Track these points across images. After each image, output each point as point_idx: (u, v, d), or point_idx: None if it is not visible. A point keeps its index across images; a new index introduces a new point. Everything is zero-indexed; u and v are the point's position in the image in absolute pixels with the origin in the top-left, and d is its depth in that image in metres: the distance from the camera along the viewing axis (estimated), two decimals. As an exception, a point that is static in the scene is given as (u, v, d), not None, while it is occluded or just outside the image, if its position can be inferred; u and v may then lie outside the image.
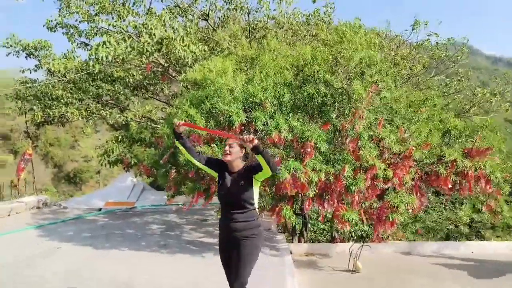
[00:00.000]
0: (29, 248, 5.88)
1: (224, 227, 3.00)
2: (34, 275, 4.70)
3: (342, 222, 5.35)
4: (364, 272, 5.69)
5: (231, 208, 2.93)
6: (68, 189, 41.14)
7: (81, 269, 4.97)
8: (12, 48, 9.01)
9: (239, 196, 2.88)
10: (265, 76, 6.10)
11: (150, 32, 7.18)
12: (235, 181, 2.92)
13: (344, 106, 6.00)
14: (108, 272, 4.84)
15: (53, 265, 5.12)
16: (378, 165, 5.33)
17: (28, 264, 5.13)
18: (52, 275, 4.70)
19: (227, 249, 2.99)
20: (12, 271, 4.83)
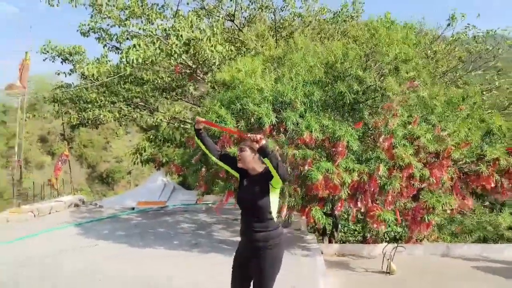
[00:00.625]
0: (69, 244, 6.12)
1: (242, 233, 2.80)
2: (73, 269, 4.94)
3: (377, 222, 5.21)
4: (398, 274, 5.53)
5: (248, 214, 2.73)
6: (101, 188, 42.54)
7: (117, 265, 5.11)
8: (49, 54, 9.40)
9: (254, 203, 2.66)
10: (294, 74, 6.04)
11: (178, 33, 7.29)
12: (251, 186, 2.71)
13: (377, 103, 5.85)
14: (146, 270, 4.94)
15: (91, 261, 5.32)
16: (414, 163, 5.15)
17: (68, 259, 5.37)
18: (90, 269, 4.93)
19: (245, 255, 2.77)
20: (54, 264, 5.11)
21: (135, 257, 5.57)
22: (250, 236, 2.69)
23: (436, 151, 5.49)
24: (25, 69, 7.84)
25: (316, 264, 5.36)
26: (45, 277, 4.62)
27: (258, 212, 2.66)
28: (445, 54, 9.55)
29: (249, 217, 2.70)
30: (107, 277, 4.65)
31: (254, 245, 2.68)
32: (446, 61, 8.99)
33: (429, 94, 5.86)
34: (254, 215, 2.68)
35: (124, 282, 4.51)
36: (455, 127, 5.73)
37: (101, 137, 45.94)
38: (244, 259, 2.75)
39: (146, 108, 11.08)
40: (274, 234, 2.68)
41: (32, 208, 8.02)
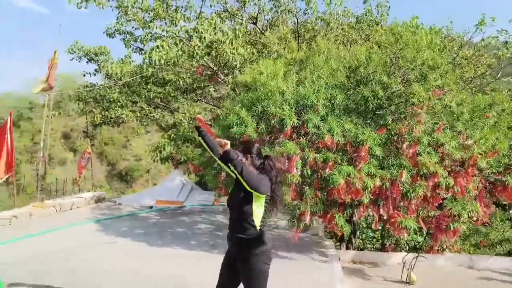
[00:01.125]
0: (89, 240, 6.23)
1: (228, 236, 2.75)
2: (93, 265, 5.01)
3: (399, 229, 5.10)
4: (418, 284, 5.39)
5: (231, 218, 2.71)
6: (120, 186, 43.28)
7: (136, 264, 5.16)
8: (75, 54, 9.66)
9: (238, 209, 2.63)
10: (316, 78, 6.00)
11: (201, 35, 7.36)
12: (238, 191, 2.62)
13: (401, 109, 5.74)
14: (162, 269, 4.99)
15: (111, 257, 5.40)
16: (440, 172, 5.02)
17: (88, 254, 5.47)
18: (110, 265, 5.02)
19: (232, 256, 2.72)
20: (75, 259, 5.21)
21: (154, 255, 5.62)
22: (233, 240, 2.67)
23: (461, 159, 5.34)
24: (53, 68, 8.06)
25: (334, 270, 5.28)
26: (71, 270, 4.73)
27: (241, 218, 2.62)
28: (473, 60, 9.29)
29: (234, 221, 2.69)
30: (126, 274, 4.71)
31: (237, 249, 2.66)
32: (473, 67, 8.73)
33: (456, 101, 5.72)
34: (235, 219, 2.67)
35: (142, 280, 4.56)
36: (481, 135, 5.56)
37: (122, 136, 46.81)
38: (232, 259, 2.71)
39: (166, 108, 11.23)
40: (254, 243, 2.60)
41: (55, 203, 8.22)
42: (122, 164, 46.34)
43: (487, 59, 9.71)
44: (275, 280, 4.53)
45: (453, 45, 9.01)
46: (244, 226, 2.61)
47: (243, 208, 2.61)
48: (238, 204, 2.63)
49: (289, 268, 5.29)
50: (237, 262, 2.66)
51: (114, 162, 47.01)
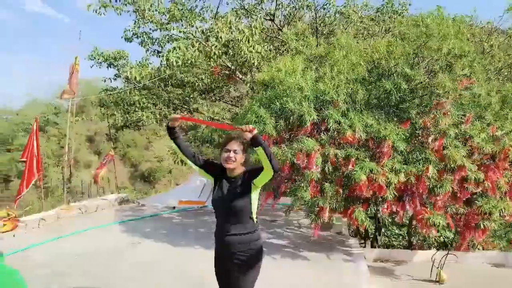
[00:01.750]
0: (114, 240, 6.34)
1: (219, 239, 2.67)
2: (118, 264, 5.12)
3: (427, 226, 4.91)
4: (449, 283, 5.18)
5: (225, 218, 2.62)
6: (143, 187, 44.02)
7: (159, 263, 5.21)
8: (95, 60, 9.85)
9: (235, 205, 2.57)
10: (336, 73, 5.87)
11: (217, 35, 7.33)
12: (233, 188, 2.61)
13: (426, 102, 5.54)
14: (183, 267, 5.01)
15: (134, 257, 5.49)
16: (468, 166, 4.81)
17: (113, 256, 5.56)
18: (133, 265, 5.09)
19: (224, 263, 2.67)
20: (99, 261, 5.31)
21: (177, 255, 5.65)
22: (228, 240, 2.60)
23: (491, 152, 5.10)
24: (74, 74, 8.23)
25: (359, 270, 5.15)
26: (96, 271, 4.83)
27: (237, 215, 2.58)
28: (504, 48, 8.85)
29: (226, 221, 2.62)
30: (151, 273, 4.75)
31: (232, 250, 2.60)
32: (503, 56, 8.32)
33: (485, 91, 5.46)
34: (232, 218, 2.60)
35: (158, 275, 4.57)
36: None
37: (144, 138, 47.64)
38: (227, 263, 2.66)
39: (185, 110, 11.29)
40: (255, 236, 2.64)
41: (80, 205, 8.39)
42: (145, 165, 47.15)
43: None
44: (298, 281, 4.47)
45: (481, 33, 8.63)
46: (244, 223, 2.60)
47: (241, 204, 2.58)
48: (235, 201, 2.57)
49: (312, 268, 5.20)
50: (231, 265, 2.62)
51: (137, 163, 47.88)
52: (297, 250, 6.01)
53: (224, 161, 2.60)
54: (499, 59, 7.90)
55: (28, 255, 5.51)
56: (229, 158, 2.58)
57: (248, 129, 2.45)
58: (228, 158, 2.59)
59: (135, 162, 47.78)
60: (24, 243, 5.96)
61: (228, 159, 2.59)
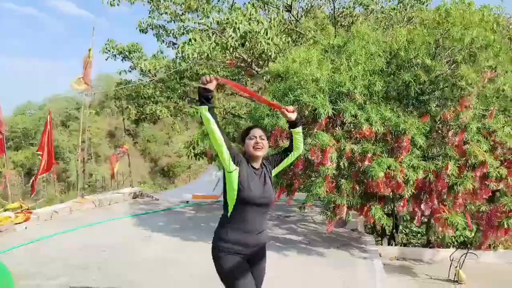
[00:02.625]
0: (127, 234, 6.36)
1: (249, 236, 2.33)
2: (131, 257, 5.13)
3: (445, 226, 4.67)
4: (468, 283, 4.93)
5: (259, 213, 2.34)
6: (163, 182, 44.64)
7: (169, 257, 5.18)
8: (110, 53, 9.88)
9: (270, 199, 2.38)
10: (353, 64, 5.65)
11: (235, 26, 7.18)
12: (263, 180, 2.38)
13: (447, 94, 5.26)
14: (194, 261, 4.95)
15: (147, 250, 5.48)
16: (490, 161, 4.53)
17: (126, 248, 5.59)
18: (147, 258, 5.09)
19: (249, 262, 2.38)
20: (111, 253, 5.31)
21: (187, 249, 5.60)
22: (258, 238, 2.36)
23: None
24: (88, 66, 8.25)
25: (374, 267, 4.96)
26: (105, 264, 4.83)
27: (268, 209, 2.42)
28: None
29: (259, 215, 2.35)
30: (157, 267, 4.70)
31: (259, 247, 2.42)
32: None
33: (510, 83, 5.14)
34: (265, 213, 2.41)
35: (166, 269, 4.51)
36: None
37: (163, 133, 48.23)
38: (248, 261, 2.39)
39: (201, 103, 11.21)
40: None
41: (94, 199, 8.47)
42: (165, 160, 47.80)
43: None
44: (311, 277, 4.32)
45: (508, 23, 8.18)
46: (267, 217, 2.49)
47: (273, 196, 2.44)
48: (270, 194, 2.37)
49: (326, 265, 5.04)
50: (258, 260, 2.45)
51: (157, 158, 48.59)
52: (311, 246, 5.87)
53: (253, 149, 2.35)
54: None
55: (39, 247, 5.57)
56: (257, 144, 2.35)
57: (291, 109, 2.42)
58: (256, 144, 2.35)
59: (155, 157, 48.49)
60: (35, 235, 6.03)
61: (256, 145, 2.35)
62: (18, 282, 4.26)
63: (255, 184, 2.33)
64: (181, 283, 4.29)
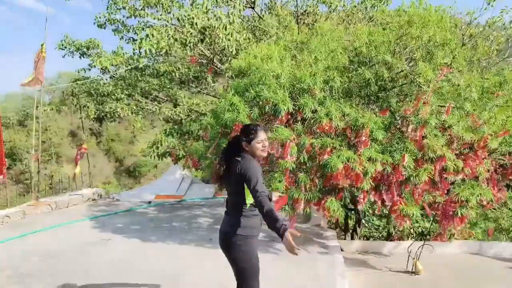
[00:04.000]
0: (83, 238, 6.05)
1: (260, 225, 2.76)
2: (86, 263, 4.88)
3: (401, 217, 4.79)
4: (425, 274, 5.11)
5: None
6: (129, 182, 43.43)
7: (129, 260, 4.98)
8: (67, 49, 9.41)
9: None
10: (314, 60, 5.67)
11: (192, 21, 7.03)
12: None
13: (406, 90, 5.40)
14: (154, 264, 4.79)
15: (103, 255, 5.24)
16: (448, 155, 4.69)
17: (82, 253, 5.31)
18: (103, 263, 4.86)
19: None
20: (67, 258, 5.07)
21: (147, 251, 5.42)
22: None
23: (471, 141, 4.99)
24: (40, 62, 7.80)
25: (334, 262, 5.01)
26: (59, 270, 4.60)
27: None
28: (483, 38, 8.82)
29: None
30: (117, 271, 4.50)
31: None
32: (483, 46, 8.28)
33: (465, 81, 5.34)
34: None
35: (133, 275, 4.34)
36: (491, 114, 5.20)
37: (128, 132, 46.93)
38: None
39: (166, 101, 10.95)
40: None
41: (50, 201, 8.04)
42: (130, 160, 46.52)
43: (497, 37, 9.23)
44: (272, 274, 4.29)
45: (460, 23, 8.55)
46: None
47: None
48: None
49: (286, 261, 5.02)
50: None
51: (122, 158, 47.22)
52: (272, 242, 5.84)
53: (262, 151, 2.73)
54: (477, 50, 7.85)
55: (-13, 254, 5.19)
56: (265, 147, 2.75)
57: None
58: (264, 148, 2.74)
59: (120, 157, 47.11)
60: (-16, 241, 5.63)
61: (265, 149, 2.75)
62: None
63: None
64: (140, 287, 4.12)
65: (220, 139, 5.47)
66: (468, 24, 8.71)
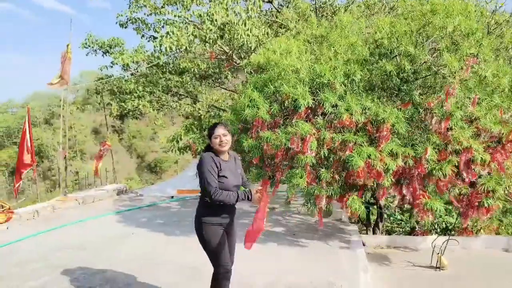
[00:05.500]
0: (109, 231, 6.24)
1: (227, 213, 3.02)
2: (112, 255, 5.04)
3: (424, 211, 4.70)
4: (450, 269, 5.00)
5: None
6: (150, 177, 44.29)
7: (152, 253, 5.10)
8: (90, 48, 9.64)
9: (240, 182, 3.05)
10: (334, 54, 5.61)
11: (212, 18, 7.07)
12: (234, 168, 3.03)
13: (430, 82, 5.27)
14: (176, 256, 4.89)
15: (128, 248, 5.41)
16: (475, 147, 4.57)
17: (108, 245, 5.50)
18: (127, 256, 5.02)
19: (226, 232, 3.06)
20: (95, 250, 5.26)
21: (171, 245, 5.53)
22: (233, 212, 3.09)
23: (499, 134, 4.85)
24: (67, 62, 8.03)
25: (357, 257, 4.98)
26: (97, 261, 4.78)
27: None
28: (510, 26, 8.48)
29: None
30: (141, 264, 4.64)
31: (233, 220, 3.13)
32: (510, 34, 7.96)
33: (492, 71, 5.17)
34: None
35: (157, 268, 4.46)
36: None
37: (149, 128, 47.78)
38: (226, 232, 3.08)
39: (186, 97, 11.08)
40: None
41: (77, 196, 8.31)
42: (151, 156, 47.44)
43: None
44: (293, 268, 4.32)
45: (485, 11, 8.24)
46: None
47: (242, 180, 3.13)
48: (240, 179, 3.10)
49: (309, 256, 5.04)
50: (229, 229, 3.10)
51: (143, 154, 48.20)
52: (295, 237, 5.86)
53: (219, 146, 2.90)
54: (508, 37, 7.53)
55: (20, 247, 5.42)
56: (222, 142, 2.90)
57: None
58: (221, 142, 2.90)
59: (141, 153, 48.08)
60: (17, 235, 5.87)
61: (221, 143, 2.90)
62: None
63: (229, 173, 2.93)
64: (164, 279, 4.23)
65: (240, 134, 5.50)
66: (493, 11, 8.39)
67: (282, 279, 4.22)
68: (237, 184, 3.00)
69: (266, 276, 4.24)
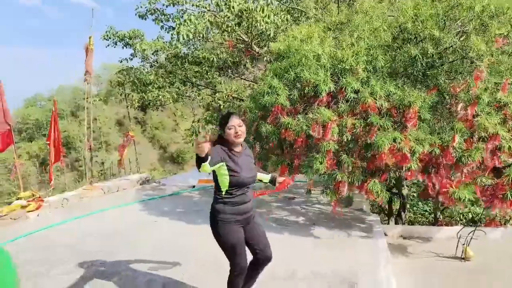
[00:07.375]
0: (133, 219, 6.40)
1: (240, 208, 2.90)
2: (136, 242, 5.19)
3: (451, 200, 4.54)
4: (476, 261, 4.85)
5: (247, 189, 2.91)
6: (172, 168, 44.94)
7: (174, 242, 5.17)
8: (111, 40, 9.77)
9: (255, 175, 2.97)
10: (356, 39, 5.45)
11: (230, 5, 7.00)
12: (248, 161, 2.92)
13: (456, 67, 5.05)
14: (197, 244, 4.95)
15: (151, 235, 5.52)
16: (502, 133, 4.36)
17: (132, 233, 5.65)
18: (150, 243, 5.15)
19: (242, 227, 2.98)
20: (119, 237, 5.41)
21: (193, 233, 5.60)
22: (248, 207, 2.93)
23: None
24: (89, 54, 8.17)
25: (378, 247, 4.88)
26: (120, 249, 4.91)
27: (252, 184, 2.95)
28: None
29: (247, 191, 2.91)
30: (165, 251, 4.72)
31: (249, 215, 2.96)
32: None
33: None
34: (250, 188, 2.95)
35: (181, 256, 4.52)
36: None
37: (171, 120, 48.38)
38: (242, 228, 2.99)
39: (206, 87, 11.09)
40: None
41: (103, 186, 8.51)
42: (173, 147, 48.11)
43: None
44: (313, 258, 4.27)
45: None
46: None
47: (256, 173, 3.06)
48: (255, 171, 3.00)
49: (328, 245, 4.99)
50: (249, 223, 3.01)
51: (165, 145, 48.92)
52: (314, 227, 5.81)
53: (234, 137, 2.79)
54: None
55: (50, 234, 5.63)
56: (237, 133, 2.79)
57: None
58: (236, 134, 2.78)
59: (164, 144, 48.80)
60: (47, 222, 6.11)
61: (236, 134, 2.78)
62: (25, 269, 4.31)
63: (241, 167, 2.81)
64: (187, 266, 4.29)
65: (259, 122, 5.45)
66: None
67: (302, 268, 4.20)
68: (252, 176, 2.90)
69: (287, 265, 4.23)
